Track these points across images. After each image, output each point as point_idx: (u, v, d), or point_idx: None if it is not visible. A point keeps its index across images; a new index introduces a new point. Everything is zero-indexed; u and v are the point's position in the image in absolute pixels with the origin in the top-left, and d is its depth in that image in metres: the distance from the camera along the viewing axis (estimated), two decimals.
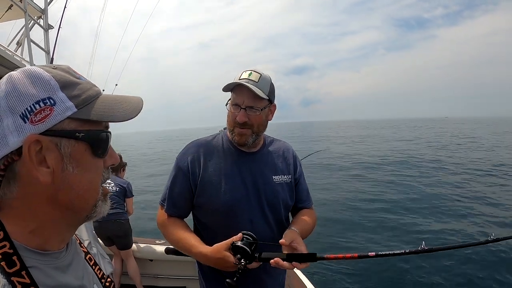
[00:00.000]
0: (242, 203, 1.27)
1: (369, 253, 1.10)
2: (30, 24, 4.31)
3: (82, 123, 0.50)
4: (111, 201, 2.68)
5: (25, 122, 0.46)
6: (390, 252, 1.10)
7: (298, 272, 2.67)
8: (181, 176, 1.30)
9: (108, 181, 3.68)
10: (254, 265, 1.14)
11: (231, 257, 1.12)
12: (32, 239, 0.50)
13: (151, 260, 3.69)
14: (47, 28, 4.56)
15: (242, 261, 1.10)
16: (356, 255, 1.11)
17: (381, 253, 1.10)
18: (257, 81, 1.21)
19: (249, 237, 1.15)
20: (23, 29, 4.32)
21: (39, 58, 4.67)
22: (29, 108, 0.46)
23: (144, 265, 3.65)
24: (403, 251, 1.09)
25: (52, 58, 4.71)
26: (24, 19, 4.16)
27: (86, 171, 0.52)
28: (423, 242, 1.09)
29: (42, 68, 0.50)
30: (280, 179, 1.35)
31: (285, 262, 1.10)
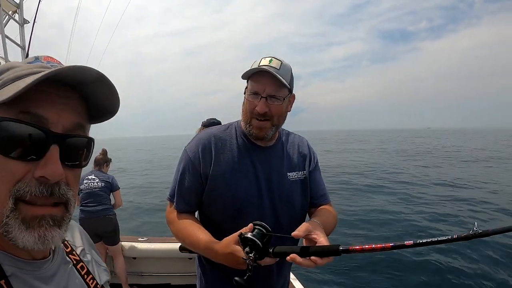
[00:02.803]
0: (253, 200, 1.22)
1: (405, 242, 0.86)
2: (5, 20, 4.39)
3: None
4: (97, 197, 3.55)
5: None
6: (427, 241, 0.83)
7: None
8: (191, 168, 1.23)
9: (92, 176, 3.81)
10: (268, 261, 0.97)
11: (241, 252, 0.97)
12: (12, 245, 0.46)
13: (135, 258, 3.75)
14: (22, 23, 4.66)
15: (251, 255, 0.93)
16: (389, 245, 0.86)
17: (421, 241, 0.84)
18: (278, 68, 1.13)
19: (261, 229, 0.98)
20: None
21: (15, 53, 4.70)
22: None
23: (127, 263, 3.70)
24: (449, 237, 0.83)
25: (28, 54, 4.77)
26: None
27: None
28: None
29: (15, 62, 0.50)
30: (295, 176, 1.29)
31: (302, 259, 0.93)
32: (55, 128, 0.45)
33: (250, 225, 1.00)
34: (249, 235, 0.95)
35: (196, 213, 1.34)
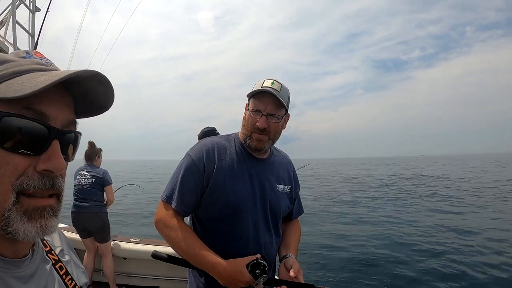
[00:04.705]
0: (248, 205, 1.34)
1: None
2: (17, 3, 4.31)
3: None
4: (87, 194, 3.47)
5: None
6: None
7: None
8: (195, 171, 1.32)
9: (84, 172, 3.75)
10: (260, 287, 1.22)
11: (247, 273, 1.19)
12: None
13: (125, 258, 3.75)
14: (34, 10, 4.60)
15: (264, 276, 1.20)
16: None
17: None
18: (279, 90, 1.30)
19: (262, 261, 1.23)
20: (9, 8, 4.30)
21: (23, 40, 4.62)
22: None
23: (117, 263, 3.70)
24: None
25: (37, 42, 4.66)
26: None
27: None
28: None
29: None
30: (282, 189, 1.46)
31: None
32: (55, 124, 0.47)
33: (258, 255, 1.23)
34: (262, 261, 1.21)
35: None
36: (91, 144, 3.95)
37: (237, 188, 1.33)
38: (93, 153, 3.89)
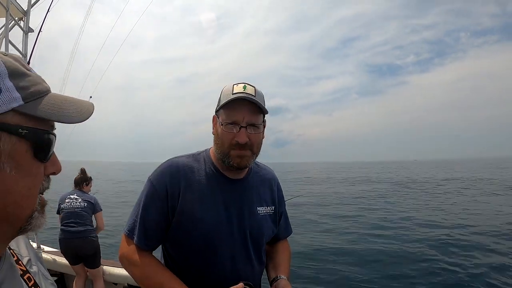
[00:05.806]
0: (224, 237, 1.17)
1: None
2: (11, 25, 4.39)
3: (27, 119, 0.47)
4: (80, 218, 3.66)
5: None
6: None
7: None
8: (157, 200, 1.15)
9: (74, 196, 3.80)
10: None
11: None
12: None
13: (115, 284, 3.70)
14: (27, 31, 4.68)
15: None
16: None
17: None
18: (254, 95, 1.11)
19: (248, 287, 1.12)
20: (3, 29, 4.37)
21: None
22: None
23: None
24: None
25: (29, 62, 4.76)
26: (5, 18, 4.25)
27: (25, 175, 0.47)
28: None
29: None
30: (264, 211, 1.28)
31: None
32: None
33: (241, 284, 1.07)
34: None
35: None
36: (83, 171, 4.01)
37: (209, 218, 1.15)
38: (83, 180, 3.96)
